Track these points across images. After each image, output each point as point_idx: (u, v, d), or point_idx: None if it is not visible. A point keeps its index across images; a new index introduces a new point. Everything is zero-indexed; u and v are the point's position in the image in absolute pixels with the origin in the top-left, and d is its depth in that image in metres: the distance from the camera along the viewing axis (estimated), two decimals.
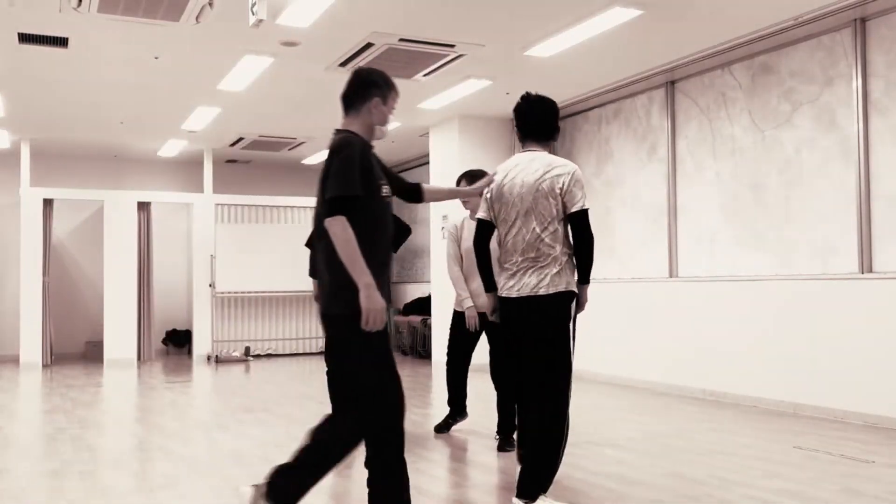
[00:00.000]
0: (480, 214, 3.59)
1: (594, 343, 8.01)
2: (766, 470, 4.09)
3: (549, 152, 3.52)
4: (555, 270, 3.34)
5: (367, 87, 3.03)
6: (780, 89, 6.36)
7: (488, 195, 3.54)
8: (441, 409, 6.36)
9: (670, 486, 3.80)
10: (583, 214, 3.36)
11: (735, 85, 6.76)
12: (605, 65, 7.07)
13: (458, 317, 5.08)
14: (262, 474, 4.10)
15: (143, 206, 10.96)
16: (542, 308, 3.36)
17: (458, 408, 5.27)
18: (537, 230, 3.35)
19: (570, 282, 3.37)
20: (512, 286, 3.42)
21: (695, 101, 7.17)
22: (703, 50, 6.60)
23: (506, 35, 6.18)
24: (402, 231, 5.24)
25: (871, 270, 5.64)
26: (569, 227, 3.43)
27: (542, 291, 3.34)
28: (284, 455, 4.56)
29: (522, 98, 3.55)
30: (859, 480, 3.86)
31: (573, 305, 3.42)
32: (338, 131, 3.02)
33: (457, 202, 5.71)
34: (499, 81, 7.55)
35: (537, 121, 3.52)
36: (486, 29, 6.03)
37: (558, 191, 3.34)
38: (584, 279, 3.43)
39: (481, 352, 5.08)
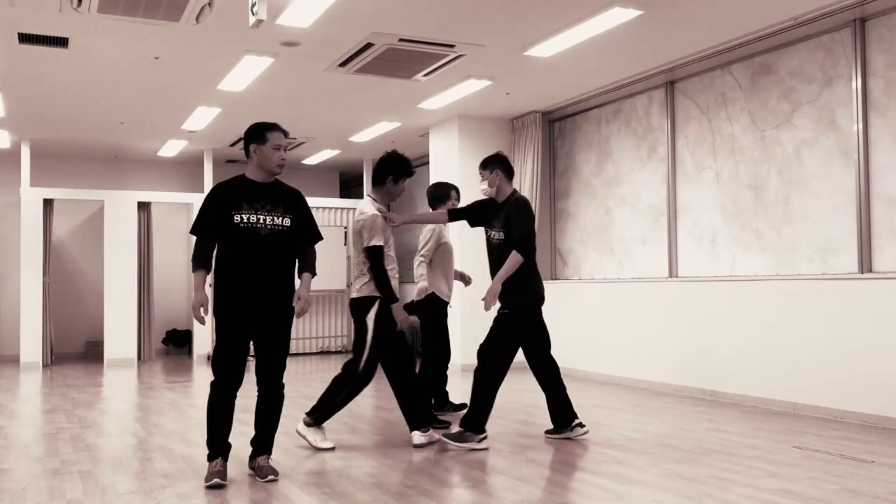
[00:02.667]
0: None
1: (594, 343, 8.02)
2: (766, 470, 4.09)
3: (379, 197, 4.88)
4: (364, 281, 4.77)
5: None
6: (780, 89, 6.36)
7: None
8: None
9: (670, 486, 3.80)
10: (370, 250, 4.71)
11: (735, 85, 6.76)
12: (605, 65, 7.07)
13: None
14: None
15: (143, 206, 10.96)
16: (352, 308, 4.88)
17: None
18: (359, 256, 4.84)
19: (372, 290, 4.72)
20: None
21: (694, 101, 7.17)
22: (702, 50, 6.60)
23: (506, 35, 6.18)
24: None
25: (871, 270, 5.65)
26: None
27: (354, 294, 4.86)
28: (284, 455, 4.57)
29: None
30: (859, 480, 3.86)
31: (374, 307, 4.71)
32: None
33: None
34: (499, 81, 7.56)
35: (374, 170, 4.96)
36: (486, 29, 6.03)
37: (359, 230, 4.80)
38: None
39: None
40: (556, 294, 8.68)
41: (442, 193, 5.79)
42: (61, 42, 6.19)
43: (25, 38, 6.09)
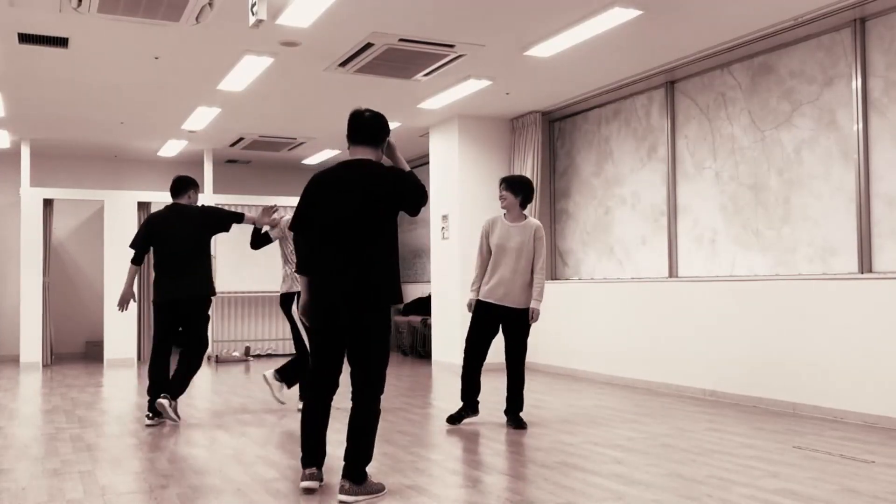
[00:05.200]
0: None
1: (594, 343, 8.02)
2: (766, 470, 4.09)
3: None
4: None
5: None
6: (780, 89, 6.36)
7: None
8: (442, 408, 6.36)
9: (670, 486, 3.80)
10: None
11: (735, 85, 6.76)
12: (605, 65, 7.07)
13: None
14: (262, 474, 4.11)
15: (143, 206, 10.95)
16: None
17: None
18: None
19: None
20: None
21: (694, 101, 7.17)
22: (702, 50, 6.60)
23: (506, 35, 6.18)
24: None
25: (871, 270, 5.65)
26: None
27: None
28: (284, 455, 4.58)
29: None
30: (859, 480, 3.86)
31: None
32: None
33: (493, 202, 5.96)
34: (499, 81, 7.56)
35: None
36: (486, 29, 6.03)
37: None
38: None
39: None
40: (556, 294, 8.68)
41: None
42: (61, 42, 6.19)
43: (25, 38, 6.09)
